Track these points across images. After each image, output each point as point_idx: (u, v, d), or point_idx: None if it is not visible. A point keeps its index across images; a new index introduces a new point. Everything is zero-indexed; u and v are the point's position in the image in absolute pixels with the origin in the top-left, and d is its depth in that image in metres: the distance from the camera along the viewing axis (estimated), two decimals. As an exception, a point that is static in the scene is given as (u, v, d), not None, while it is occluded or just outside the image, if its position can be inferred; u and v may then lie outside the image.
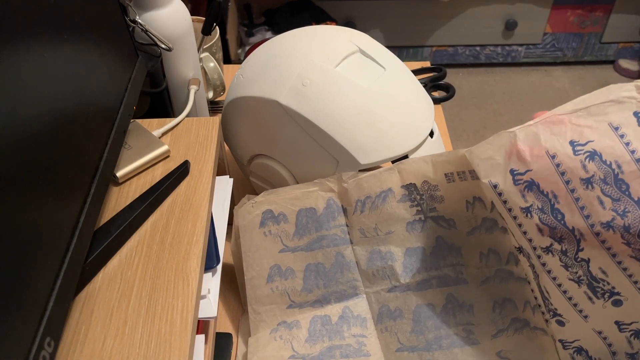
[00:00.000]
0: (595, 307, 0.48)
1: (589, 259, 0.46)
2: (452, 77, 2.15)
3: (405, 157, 0.61)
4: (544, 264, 0.49)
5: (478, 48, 2.13)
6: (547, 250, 0.47)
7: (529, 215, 0.47)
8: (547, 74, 2.18)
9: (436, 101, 0.89)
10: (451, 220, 0.56)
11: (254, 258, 0.59)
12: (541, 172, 0.46)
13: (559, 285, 0.49)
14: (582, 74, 2.17)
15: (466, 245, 0.56)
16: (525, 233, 0.48)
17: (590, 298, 0.48)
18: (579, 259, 0.46)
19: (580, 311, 0.49)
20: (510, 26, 2.03)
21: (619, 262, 0.45)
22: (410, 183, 0.56)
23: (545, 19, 2.04)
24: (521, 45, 2.12)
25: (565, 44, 2.12)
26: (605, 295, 0.47)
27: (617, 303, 0.47)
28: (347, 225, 0.58)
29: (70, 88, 0.45)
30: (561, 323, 0.53)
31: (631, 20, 2.06)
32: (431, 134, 0.65)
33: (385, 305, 0.58)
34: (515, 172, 0.47)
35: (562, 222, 0.46)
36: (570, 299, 0.49)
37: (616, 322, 0.48)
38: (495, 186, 0.48)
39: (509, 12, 2.02)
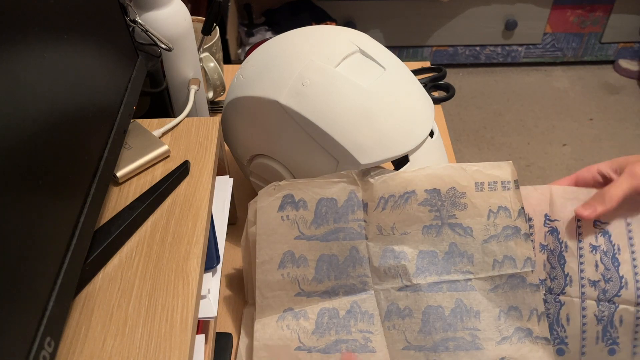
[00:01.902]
0: (596, 348, 0.57)
1: (618, 305, 0.56)
2: (452, 77, 2.15)
3: (405, 157, 0.61)
4: (583, 293, 0.57)
5: (478, 48, 2.13)
6: (593, 283, 0.56)
7: (594, 251, 0.57)
8: (547, 74, 2.18)
9: (436, 101, 0.89)
10: (468, 228, 0.58)
11: (268, 242, 0.59)
12: (616, 228, 0.57)
13: (584, 316, 0.57)
14: (582, 74, 2.17)
15: (479, 253, 0.58)
16: (581, 264, 0.57)
17: (597, 338, 0.56)
18: (611, 301, 0.56)
19: (583, 346, 0.57)
20: (510, 26, 2.03)
21: (637, 318, 0.55)
22: (435, 188, 0.57)
23: (545, 19, 2.04)
24: (521, 45, 2.12)
25: (565, 44, 2.13)
26: (609, 342, 0.56)
27: (612, 352, 0.57)
28: (364, 221, 0.58)
29: (70, 88, 0.45)
30: (562, 352, 0.58)
31: (631, 20, 2.06)
32: (431, 134, 0.65)
33: (394, 304, 0.58)
34: (597, 220, 0.57)
35: (617, 268, 0.56)
36: (584, 332, 0.57)
37: None
38: (578, 220, 0.58)
39: (509, 12, 2.02)
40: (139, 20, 0.62)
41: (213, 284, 0.54)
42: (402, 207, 0.58)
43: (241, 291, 0.68)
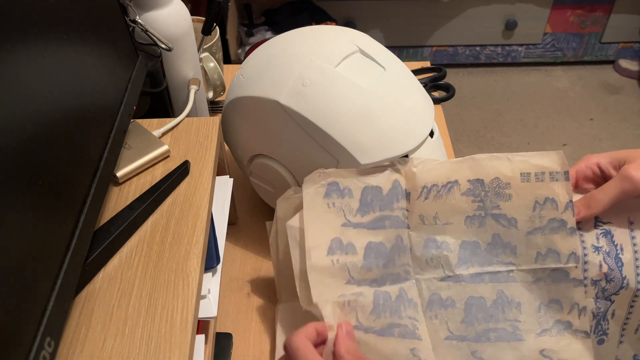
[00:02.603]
0: (588, 340, 0.57)
1: (613, 301, 0.56)
2: (452, 77, 2.15)
3: (406, 157, 0.61)
4: (585, 292, 0.57)
5: (478, 48, 2.13)
6: (595, 282, 0.56)
7: (597, 252, 0.56)
8: (547, 74, 2.18)
9: (436, 101, 0.89)
10: (513, 219, 0.57)
11: (315, 228, 0.57)
12: (618, 228, 0.56)
13: None
14: (582, 74, 2.18)
15: (523, 244, 0.57)
16: (585, 263, 0.56)
17: (590, 331, 0.56)
18: (608, 298, 0.56)
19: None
20: (510, 26, 2.03)
21: (629, 313, 0.56)
22: (478, 178, 0.57)
23: (545, 19, 2.04)
24: (521, 45, 2.12)
25: (565, 44, 2.13)
26: (599, 333, 0.56)
27: (601, 342, 0.57)
28: (407, 210, 0.58)
29: (70, 88, 0.45)
30: None
31: (631, 20, 2.06)
32: (431, 134, 0.65)
33: (436, 294, 0.58)
34: (598, 219, 0.56)
35: (620, 269, 0.55)
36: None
37: None
38: (578, 222, 0.56)
39: (509, 12, 2.02)
40: (139, 20, 0.62)
41: (213, 284, 0.54)
42: (444, 196, 0.57)
43: (241, 291, 0.68)
